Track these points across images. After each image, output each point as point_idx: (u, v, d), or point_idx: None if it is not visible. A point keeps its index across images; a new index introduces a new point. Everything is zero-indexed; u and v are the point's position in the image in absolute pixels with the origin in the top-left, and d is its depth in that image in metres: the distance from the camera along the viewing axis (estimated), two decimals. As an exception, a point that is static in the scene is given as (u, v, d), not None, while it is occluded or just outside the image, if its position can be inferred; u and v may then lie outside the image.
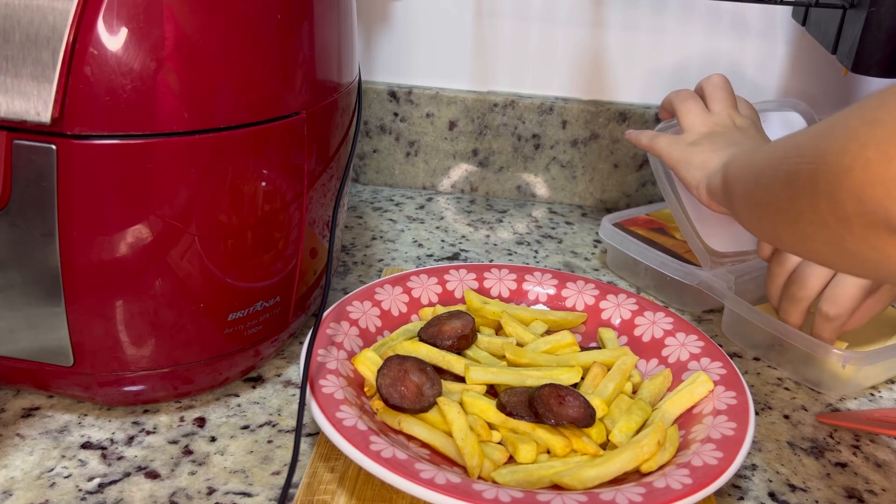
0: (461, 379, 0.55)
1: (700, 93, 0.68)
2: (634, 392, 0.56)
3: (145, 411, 0.55)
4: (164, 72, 0.44)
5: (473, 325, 0.58)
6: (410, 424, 0.50)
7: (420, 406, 0.51)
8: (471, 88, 0.91)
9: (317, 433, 0.54)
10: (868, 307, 0.60)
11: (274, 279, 0.55)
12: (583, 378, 0.56)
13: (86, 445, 0.52)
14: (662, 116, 0.72)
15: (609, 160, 0.91)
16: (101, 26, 0.43)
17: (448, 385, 0.54)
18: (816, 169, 0.36)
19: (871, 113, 0.33)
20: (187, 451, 0.52)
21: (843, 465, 0.55)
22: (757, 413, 0.59)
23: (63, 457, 0.51)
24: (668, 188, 0.69)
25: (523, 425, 0.50)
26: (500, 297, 0.66)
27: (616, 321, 0.63)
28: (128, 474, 0.50)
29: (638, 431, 0.51)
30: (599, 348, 0.61)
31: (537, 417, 0.50)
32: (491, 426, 0.51)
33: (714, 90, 0.67)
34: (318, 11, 0.52)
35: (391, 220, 0.87)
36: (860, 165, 0.33)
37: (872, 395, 0.62)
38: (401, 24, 0.90)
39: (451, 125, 0.91)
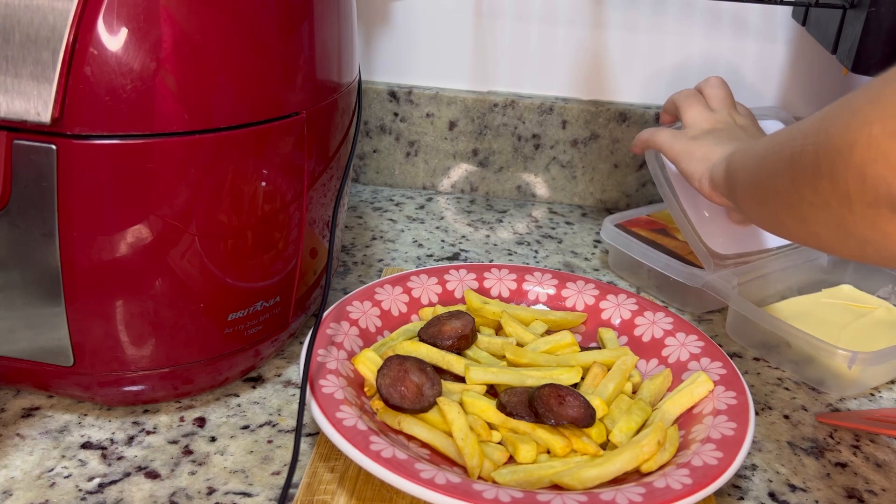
0: (461, 379, 0.55)
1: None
2: (634, 392, 0.56)
3: (145, 411, 0.55)
4: (163, 72, 0.44)
5: (473, 325, 0.58)
6: (410, 424, 0.50)
7: (420, 406, 0.51)
8: (471, 88, 0.91)
9: (317, 433, 0.54)
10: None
11: (274, 279, 0.55)
12: (583, 378, 0.56)
13: (86, 445, 0.52)
14: (664, 121, 0.73)
15: (609, 160, 0.91)
16: (101, 26, 0.43)
17: (448, 385, 0.54)
18: (819, 148, 0.36)
19: (876, 91, 0.33)
20: (187, 451, 0.52)
21: (843, 465, 0.54)
22: (757, 413, 0.59)
23: (63, 457, 0.51)
24: (668, 191, 0.69)
25: (523, 425, 0.50)
26: (500, 297, 0.66)
27: (616, 321, 0.63)
28: (128, 474, 0.50)
29: (638, 431, 0.51)
30: (599, 348, 0.61)
31: (537, 417, 0.50)
32: (491, 426, 0.51)
33: (713, 91, 0.68)
34: (318, 11, 0.52)
35: (391, 220, 0.87)
36: (863, 142, 0.32)
37: (872, 395, 0.62)
38: (401, 24, 0.90)
39: (451, 125, 0.91)
